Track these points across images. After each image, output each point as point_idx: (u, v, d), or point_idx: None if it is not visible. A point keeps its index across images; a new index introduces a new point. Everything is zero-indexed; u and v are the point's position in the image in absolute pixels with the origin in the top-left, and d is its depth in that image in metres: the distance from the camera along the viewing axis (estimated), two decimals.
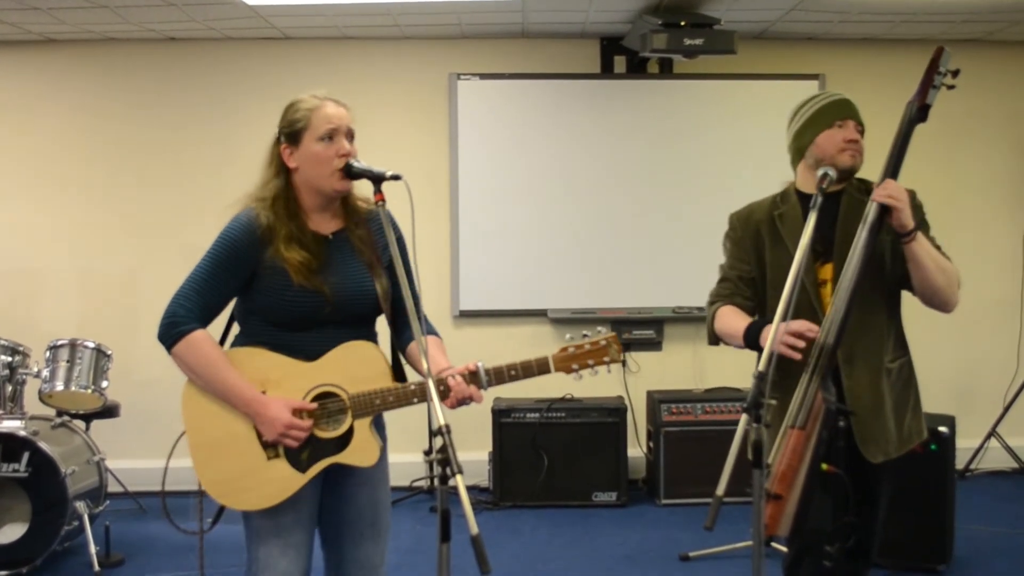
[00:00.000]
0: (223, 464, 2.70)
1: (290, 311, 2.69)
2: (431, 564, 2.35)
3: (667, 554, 5.21)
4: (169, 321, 2.70)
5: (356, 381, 2.70)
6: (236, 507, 2.72)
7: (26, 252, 6.70)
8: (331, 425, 2.70)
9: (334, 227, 2.82)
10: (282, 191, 2.74)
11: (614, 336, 2.77)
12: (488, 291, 6.69)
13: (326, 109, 2.73)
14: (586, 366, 2.77)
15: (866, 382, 2.98)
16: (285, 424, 2.63)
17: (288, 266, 2.66)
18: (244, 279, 2.72)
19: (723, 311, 3.17)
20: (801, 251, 2.70)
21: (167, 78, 6.70)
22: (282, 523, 2.73)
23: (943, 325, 4.11)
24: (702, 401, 6.22)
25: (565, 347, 2.76)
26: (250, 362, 2.70)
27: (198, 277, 2.72)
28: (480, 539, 2.17)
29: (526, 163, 6.70)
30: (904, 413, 3.05)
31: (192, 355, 2.68)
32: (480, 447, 6.27)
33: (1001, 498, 6.20)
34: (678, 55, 5.94)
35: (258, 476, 2.68)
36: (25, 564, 4.80)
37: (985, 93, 6.74)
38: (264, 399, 2.66)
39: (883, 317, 3.04)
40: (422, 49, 6.74)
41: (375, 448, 2.72)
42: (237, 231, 2.71)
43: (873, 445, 2.97)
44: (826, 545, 2.96)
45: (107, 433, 5.82)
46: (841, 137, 3.00)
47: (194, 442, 2.74)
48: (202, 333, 2.69)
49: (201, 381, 2.70)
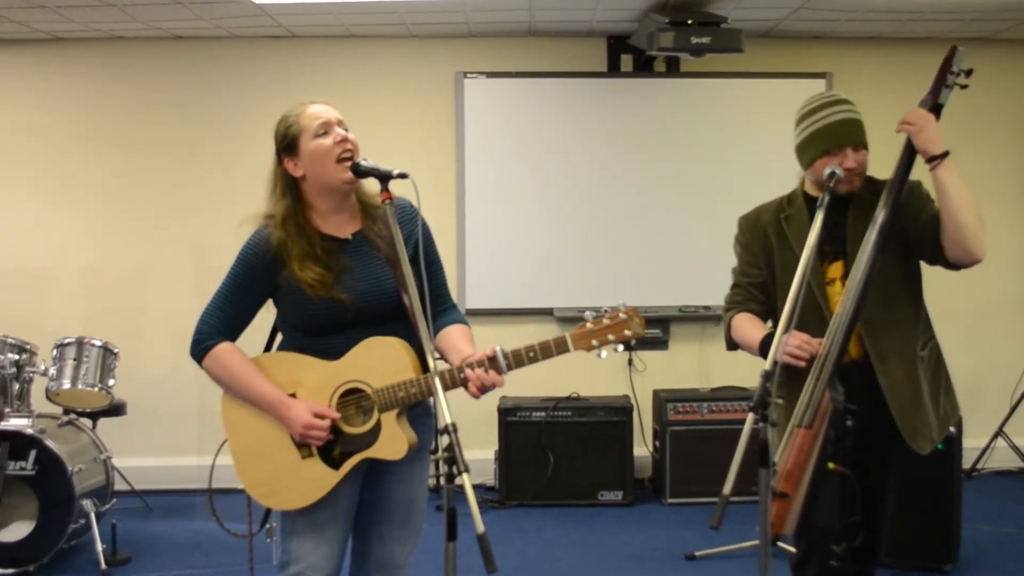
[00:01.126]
0: (262, 467, 2.79)
1: (313, 320, 2.77)
2: (437, 563, 2.35)
3: (673, 553, 5.20)
4: (196, 339, 2.81)
5: (381, 375, 2.72)
6: (278, 508, 2.81)
7: (33, 250, 6.71)
8: (363, 421, 2.74)
9: (353, 228, 2.85)
10: (291, 209, 2.79)
11: (634, 310, 2.64)
12: (494, 290, 6.69)
13: (311, 108, 2.81)
14: (606, 342, 2.65)
15: (902, 376, 2.97)
16: (305, 424, 2.69)
17: (303, 284, 2.72)
18: (264, 295, 2.83)
19: (738, 320, 3.17)
20: (808, 250, 2.70)
21: (174, 76, 6.71)
22: (318, 519, 2.78)
23: (950, 325, 4.10)
24: (708, 400, 6.20)
25: (583, 324, 2.68)
26: (279, 366, 2.80)
27: (220, 295, 2.83)
28: (486, 538, 2.18)
29: (532, 162, 6.70)
30: (939, 396, 3.06)
31: (218, 367, 2.79)
32: (486, 446, 6.27)
33: (1008, 498, 6.19)
34: (685, 53, 5.93)
35: (295, 476, 2.76)
36: (32, 562, 4.81)
37: (993, 92, 6.72)
38: (287, 401, 2.73)
39: (908, 308, 3.04)
40: (429, 47, 6.74)
41: (403, 441, 2.72)
42: (251, 254, 2.79)
43: (919, 437, 2.97)
44: (833, 544, 2.96)
45: (114, 431, 5.83)
46: (837, 165, 2.95)
47: (235, 448, 2.83)
48: (226, 346, 2.80)
49: (231, 390, 2.81)
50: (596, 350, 2.66)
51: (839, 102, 3.03)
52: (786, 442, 2.84)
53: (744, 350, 3.17)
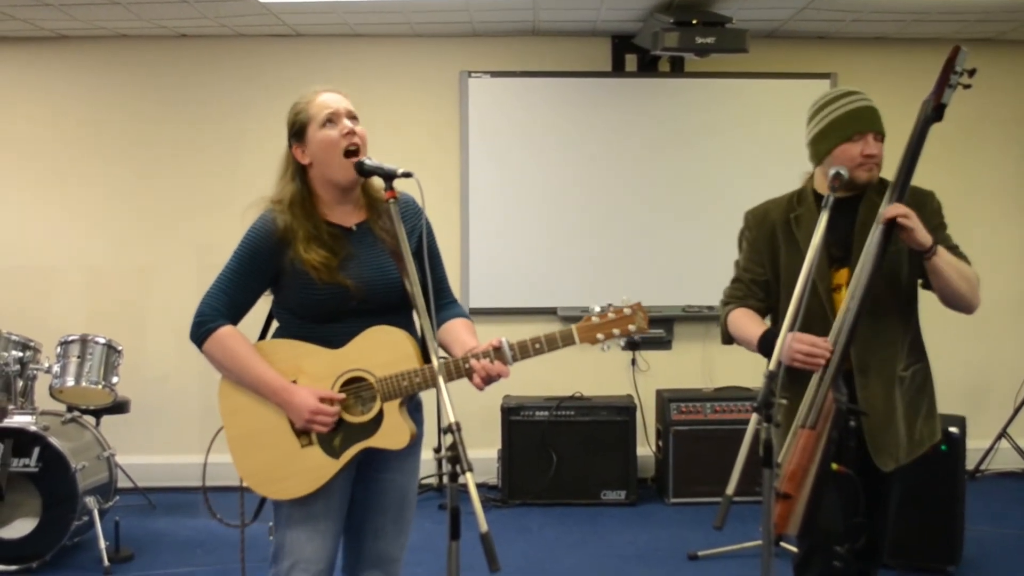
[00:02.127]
0: (260, 455, 2.75)
1: (317, 306, 2.75)
2: (440, 562, 2.35)
3: (676, 553, 5.20)
4: (198, 320, 2.77)
5: (383, 365, 2.71)
6: (275, 496, 2.77)
7: (37, 248, 6.72)
8: (363, 410, 2.73)
9: (357, 219, 2.84)
10: (298, 193, 2.78)
11: (639, 304, 2.68)
12: (498, 289, 6.69)
13: (321, 97, 2.80)
14: (611, 336, 2.68)
15: (879, 392, 2.97)
16: (312, 410, 2.67)
17: (308, 267, 2.71)
18: (268, 278, 2.79)
19: (737, 314, 3.16)
20: (812, 252, 2.69)
21: (179, 75, 6.72)
22: (312, 511, 2.76)
23: (953, 326, 4.10)
24: (712, 400, 6.20)
25: (588, 317, 2.70)
26: (280, 353, 2.76)
27: (224, 277, 2.79)
28: (490, 537, 2.18)
29: (536, 161, 6.70)
30: (915, 419, 3.03)
31: (220, 350, 2.74)
32: (489, 445, 6.27)
33: (1011, 499, 6.18)
34: (690, 53, 5.93)
35: (294, 464, 2.73)
36: (35, 559, 4.82)
37: (997, 92, 6.71)
38: (291, 387, 2.70)
39: (897, 327, 3.02)
40: (433, 47, 6.74)
41: (406, 431, 2.72)
42: (256, 236, 2.77)
43: (884, 453, 2.97)
44: (836, 545, 2.96)
45: (117, 429, 5.84)
46: (858, 151, 2.94)
47: (231, 435, 2.79)
48: (229, 329, 2.76)
49: (231, 375, 2.77)
50: (601, 343, 2.69)
51: (856, 92, 3.03)
52: (790, 443, 2.83)
53: (740, 345, 3.16)
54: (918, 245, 2.83)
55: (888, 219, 2.82)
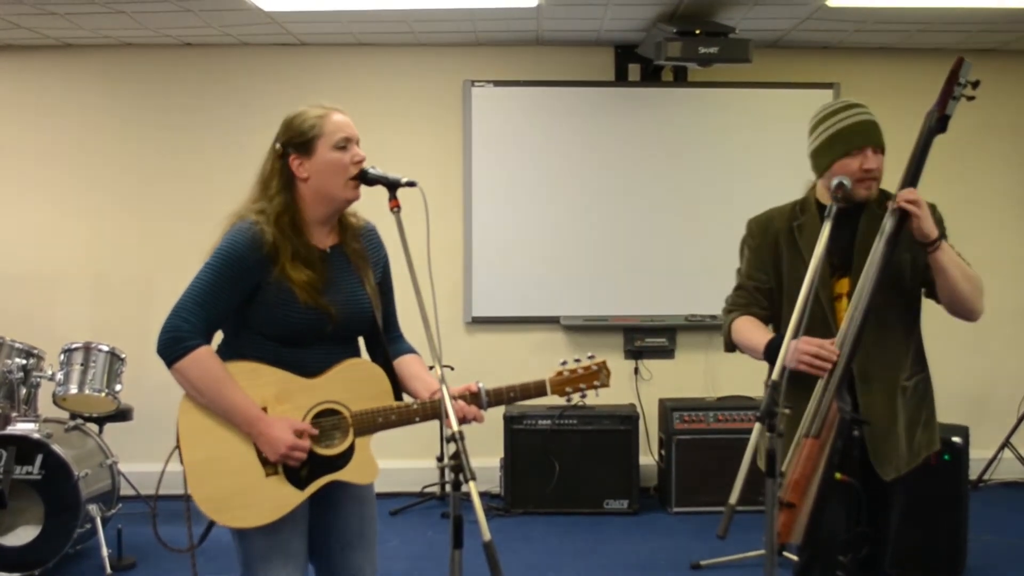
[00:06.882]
0: (220, 481, 2.65)
1: (293, 328, 2.66)
2: (443, 571, 2.35)
3: (679, 562, 5.19)
4: (172, 336, 2.64)
5: (359, 399, 2.69)
6: (232, 524, 2.67)
7: (41, 255, 6.73)
8: (330, 442, 2.68)
9: (331, 241, 2.78)
10: (287, 206, 2.69)
11: (603, 362, 2.90)
12: (501, 298, 6.69)
13: (335, 117, 2.70)
14: (578, 390, 2.86)
15: (881, 401, 2.97)
16: (288, 445, 2.58)
17: (294, 285, 2.62)
18: (246, 293, 2.66)
19: (740, 322, 3.15)
20: (815, 261, 2.69)
21: (183, 83, 6.74)
22: (281, 537, 2.70)
23: (956, 335, 4.11)
24: (715, 409, 6.20)
25: (560, 371, 2.84)
26: (252, 378, 2.65)
27: (200, 290, 2.65)
28: (493, 546, 2.18)
29: (539, 170, 6.71)
30: (915, 429, 3.02)
31: (197, 372, 2.62)
32: (492, 454, 6.27)
33: (1014, 508, 6.18)
34: (693, 63, 5.95)
35: (256, 493, 2.64)
36: (38, 566, 4.82)
37: (1001, 103, 6.71)
38: (267, 419, 2.61)
39: (901, 335, 3.02)
40: (437, 56, 6.76)
41: (374, 467, 2.71)
42: (243, 246, 2.64)
43: (885, 463, 2.96)
44: (839, 555, 2.95)
45: (120, 436, 5.84)
46: (857, 165, 2.93)
47: (190, 459, 2.70)
48: (207, 350, 2.64)
49: (204, 399, 2.65)
50: (568, 396, 2.86)
51: (857, 105, 3.02)
52: (793, 452, 2.83)
53: (745, 353, 3.16)
54: (923, 236, 2.82)
55: (899, 206, 2.82)
